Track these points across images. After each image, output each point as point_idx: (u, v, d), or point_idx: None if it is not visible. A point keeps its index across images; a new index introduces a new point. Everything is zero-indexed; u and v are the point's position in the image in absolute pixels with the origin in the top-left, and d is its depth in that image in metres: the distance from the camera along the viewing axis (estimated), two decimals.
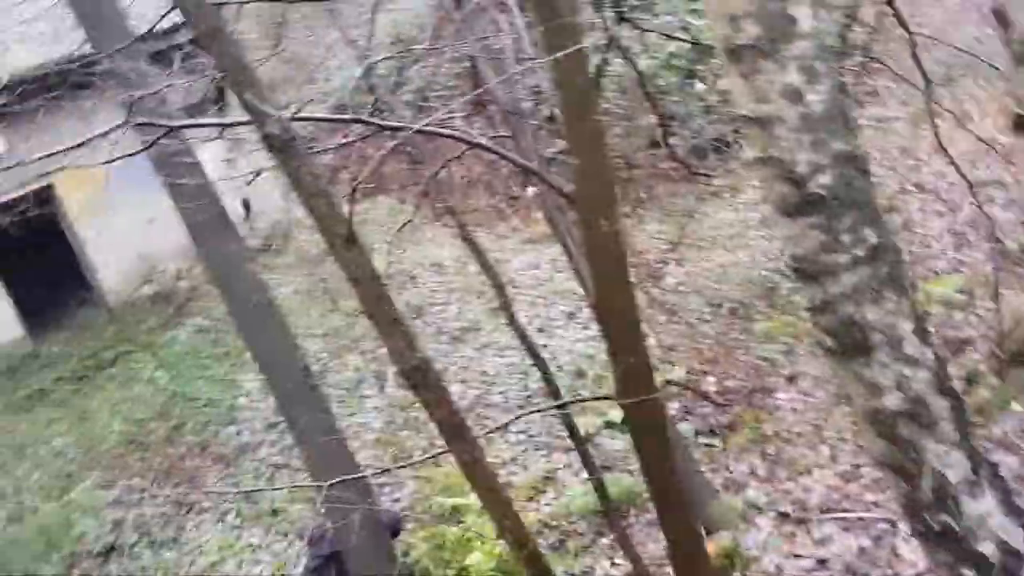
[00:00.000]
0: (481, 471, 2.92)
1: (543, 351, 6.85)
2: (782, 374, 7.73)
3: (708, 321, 8.51)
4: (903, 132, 10.01)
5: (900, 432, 2.32)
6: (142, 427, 9.73)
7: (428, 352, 3.55)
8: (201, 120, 3.30)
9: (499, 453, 7.99)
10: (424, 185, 4.48)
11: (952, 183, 8.42)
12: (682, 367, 8.04)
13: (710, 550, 5.12)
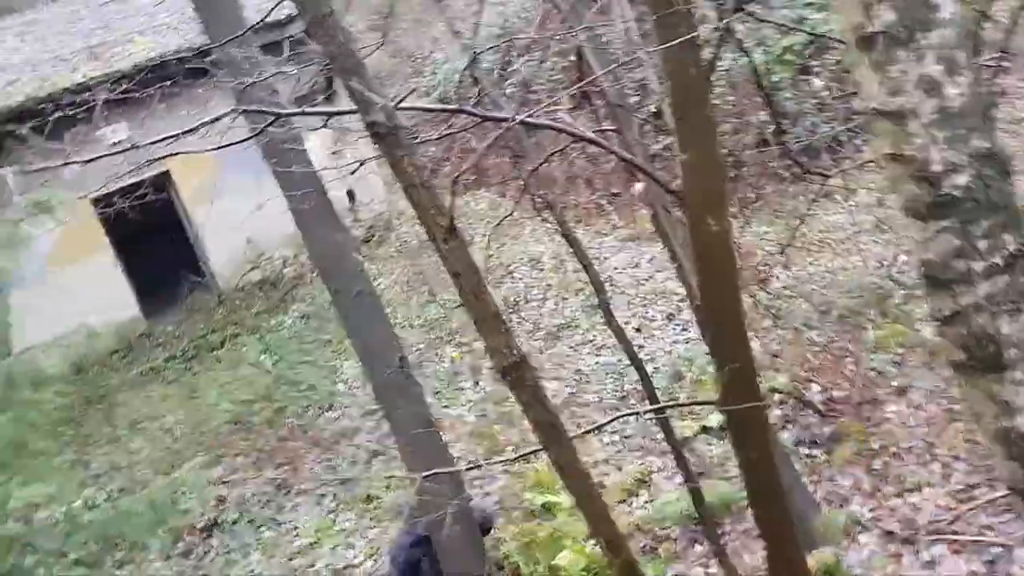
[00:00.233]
0: (575, 472, 2.85)
1: (640, 352, 6.73)
2: (892, 386, 7.37)
3: (815, 328, 8.19)
4: None
5: None
6: (247, 408, 10.04)
7: (523, 348, 3.50)
8: (308, 108, 3.35)
9: (593, 453, 7.89)
10: (525, 179, 4.42)
11: None
12: (785, 375, 7.76)
13: (810, 565, 4.92)
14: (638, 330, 9.34)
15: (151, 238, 12.41)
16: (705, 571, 6.60)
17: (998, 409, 2.15)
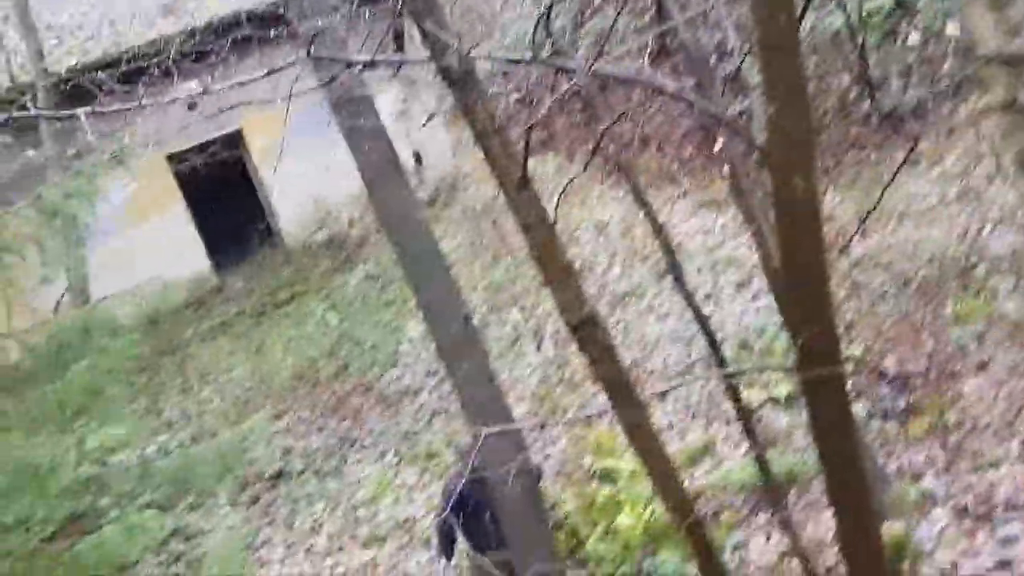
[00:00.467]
0: (644, 433, 2.78)
1: (708, 320, 6.59)
2: (972, 361, 7.11)
3: (893, 299, 7.93)
4: None
5: None
6: (312, 364, 10.20)
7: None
8: (378, 57, 3.29)
9: (656, 420, 7.82)
10: (596, 139, 4.31)
11: None
12: (860, 345, 7.54)
13: None
14: (707, 297, 9.18)
15: (223, 196, 12.62)
16: (767, 539, 6.51)
17: None
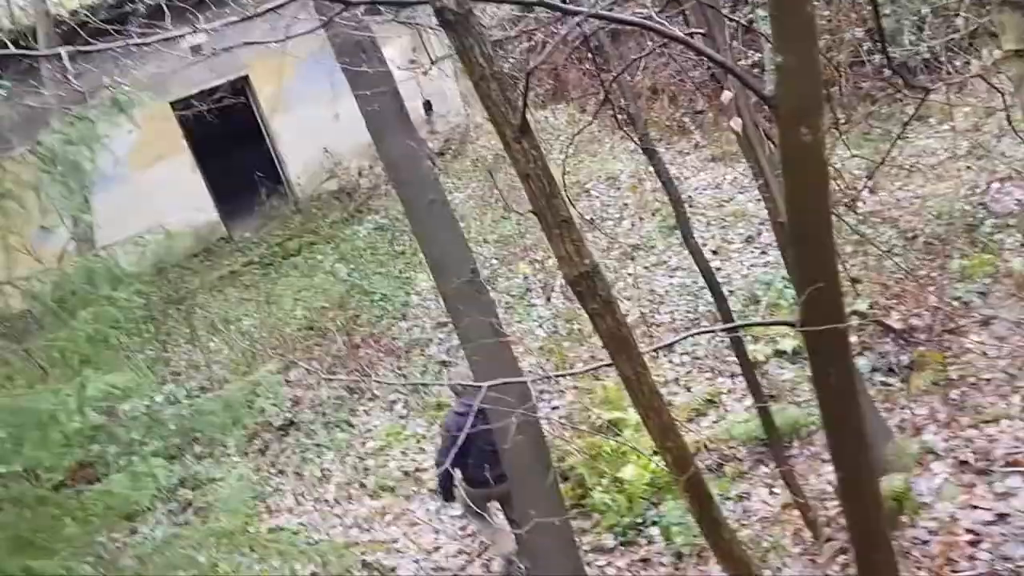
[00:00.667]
0: (644, 387, 2.79)
1: (717, 274, 6.59)
2: (976, 316, 7.10)
3: (898, 255, 7.89)
4: None
5: None
6: (321, 315, 10.25)
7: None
8: None
9: (663, 373, 7.86)
10: (606, 89, 4.26)
11: None
12: (865, 300, 7.53)
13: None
14: (715, 252, 9.17)
15: (231, 144, 12.57)
16: (770, 491, 6.58)
17: None
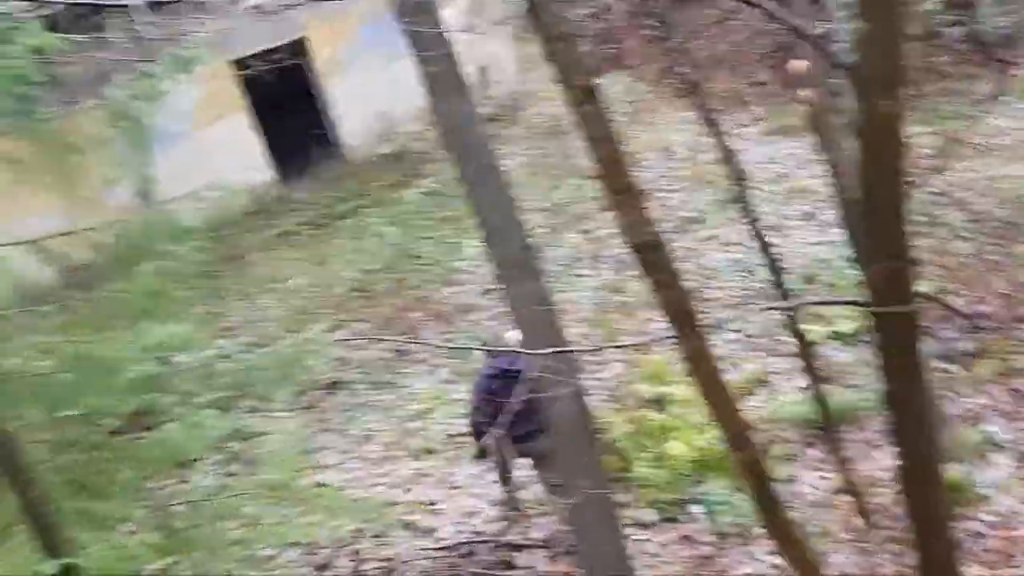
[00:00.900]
0: (705, 363, 2.72)
1: (773, 251, 6.44)
2: None
3: (966, 238, 7.64)
4: None
5: None
6: (370, 277, 10.30)
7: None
8: None
9: (713, 349, 7.74)
10: (667, 57, 4.14)
11: None
12: (930, 283, 7.31)
13: None
14: (772, 228, 8.96)
15: (287, 105, 12.62)
16: (818, 475, 6.47)
17: None
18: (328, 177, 12.62)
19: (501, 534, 6.84)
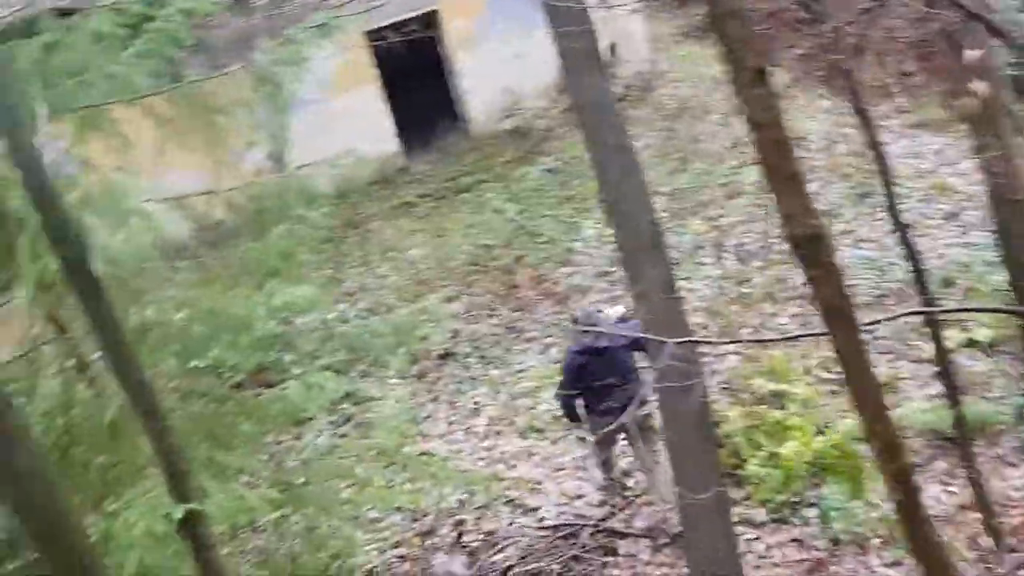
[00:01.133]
0: (859, 364, 2.56)
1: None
2: None
3: None
4: None
5: None
6: (487, 252, 10.34)
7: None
8: None
9: None
10: (813, 42, 3.93)
11: None
12: None
13: None
14: (910, 226, 8.52)
15: (415, 77, 12.75)
16: (944, 488, 6.15)
17: None
18: (452, 151, 12.71)
19: (604, 519, 6.79)
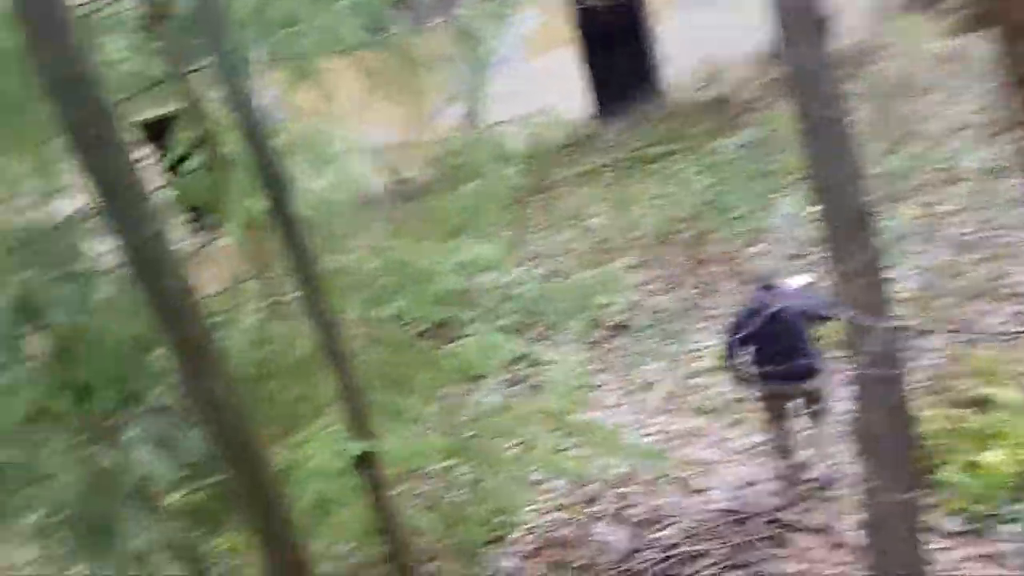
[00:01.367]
0: None
1: None
2: None
3: None
4: None
5: None
6: (673, 225, 10.06)
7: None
8: None
9: None
10: None
11: None
12: None
13: None
14: None
15: (613, 42, 12.54)
16: None
17: None
18: (646, 118, 12.44)
19: (777, 509, 6.48)
